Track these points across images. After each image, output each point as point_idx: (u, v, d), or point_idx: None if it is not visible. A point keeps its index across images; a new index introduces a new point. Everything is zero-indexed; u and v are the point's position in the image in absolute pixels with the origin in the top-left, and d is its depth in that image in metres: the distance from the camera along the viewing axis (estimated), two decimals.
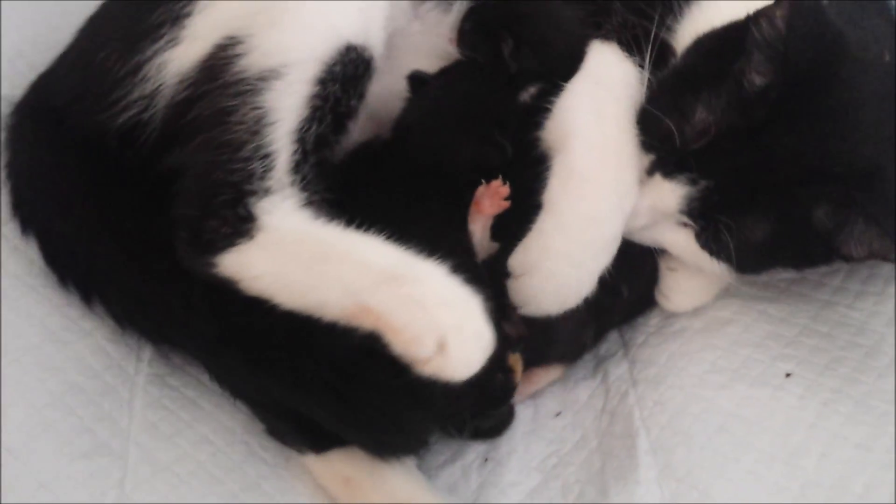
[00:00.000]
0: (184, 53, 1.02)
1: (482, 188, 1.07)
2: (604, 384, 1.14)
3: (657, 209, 1.03)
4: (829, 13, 0.94)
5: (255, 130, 0.96)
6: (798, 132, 0.94)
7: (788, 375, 1.03)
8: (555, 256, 1.03)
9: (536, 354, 1.11)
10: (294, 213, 0.97)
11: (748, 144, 0.96)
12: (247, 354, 0.98)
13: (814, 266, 1.10)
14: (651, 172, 1.03)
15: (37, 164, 1.09)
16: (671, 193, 1.00)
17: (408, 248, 0.93)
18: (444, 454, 1.09)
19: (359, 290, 0.89)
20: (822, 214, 0.95)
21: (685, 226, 1.03)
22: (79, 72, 1.10)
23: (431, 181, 1.10)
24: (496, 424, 1.10)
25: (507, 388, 1.04)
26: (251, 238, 0.94)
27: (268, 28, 1.00)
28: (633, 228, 1.06)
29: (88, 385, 1.03)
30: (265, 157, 0.96)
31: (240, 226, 0.94)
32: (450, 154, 1.11)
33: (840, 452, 0.95)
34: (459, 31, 1.19)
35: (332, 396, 0.95)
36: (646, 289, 1.17)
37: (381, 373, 0.92)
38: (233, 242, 0.93)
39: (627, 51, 1.09)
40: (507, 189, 1.07)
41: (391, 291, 0.89)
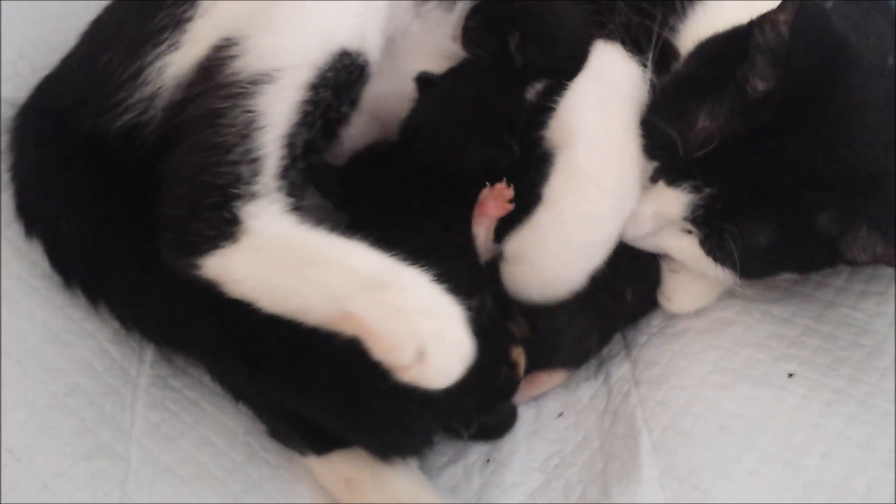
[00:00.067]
0: (183, 57, 1.02)
1: (486, 190, 1.07)
2: (606, 385, 1.14)
3: (661, 216, 1.03)
4: (833, 17, 0.94)
5: (245, 134, 0.96)
6: (801, 138, 0.94)
7: (791, 376, 1.03)
8: (548, 252, 1.04)
9: (541, 359, 1.11)
10: (280, 218, 0.96)
11: (751, 150, 0.95)
12: (249, 357, 0.97)
13: (818, 270, 1.10)
14: (654, 179, 1.03)
15: (41, 167, 1.09)
16: (675, 201, 1.00)
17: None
18: (446, 455, 1.09)
19: (341, 296, 0.89)
20: (826, 220, 0.95)
21: (689, 232, 1.03)
22: (82, 75, 1.10)
23: (437, 183, 1.10)
24: (500, 424, 1.10)
25: (512, 382, 1.05)
26: (235, 241, 0.93)
27: (263, 30, 1.00)
28: (638, 236, 1.06)
29: (90, 386, 1.03)
30: (253, 162, 0.96)
31: (224, 228, 0.94)
32: (457, 156, 1.11)
33: (842, 452, 0.94)
34: (464, 29, 1.19)
35: (336, 399, 0.95)
36: (648, 291, 1.16)
37: (385, 373, 0.91)
38: (217, 245, 0.93)
39: (631, 50, 1.08)
40: (511, 192, 1.07)
41: (373, 298, 0.88)
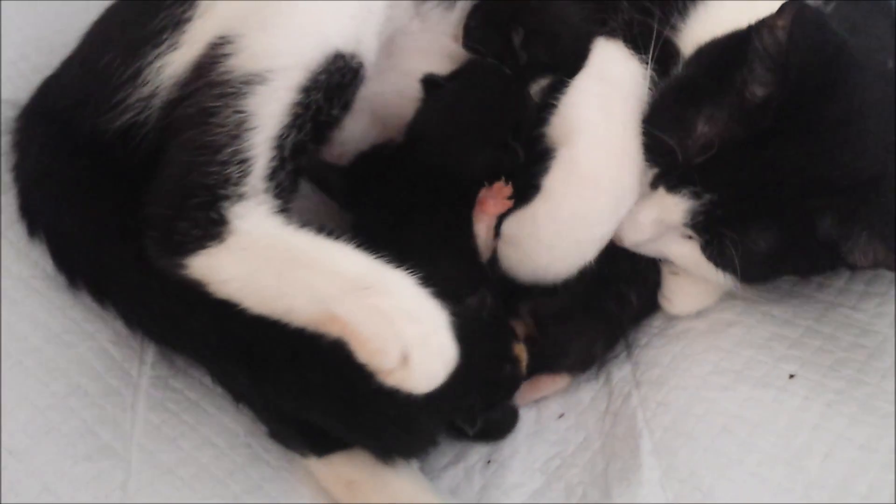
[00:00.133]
0: (182, 56, 1.03)
1: (485, 189, 1.08)
2: (607, 386, 1.14)
3: (662, 222, 1.03)
4: (832, 20, 0.94)
5: (235, 135, 0.96)
6: (801, 143, 0.94)
7: (792, 377, 1.02)
8: (540, 242, 1.05)
9: (546, 363, 1.11)
10: (267, 219, 0.96)
11: (751, 156, 0.95)
12: (249, 359, 0.97)
13: (819, 274, 1.11)
14: (655, 186, 1.03)
15: (44, 167, 1.09)
16: (675, 207, 1.00)
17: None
18: (447, 456, 1.09)
19: (326, 298, 0.89)
20: (827, 225, 0.95)
21: (690, 238, 1.03)
22: (83, 75, 1.10)
23: (441, 183, 1.10)
24: (501, 424, 1.10)
25: (515, 378, 1.06)
26: (221, 241, 0.93)
27: (258, 30, 1.00)
28: (639, 242, 1.06)
29: (91, 387, 1.03)
30: (242, 163, 0.96)
31: (211, 229, 0.94)
32: (463, 159, 1.11)
33: (844, 453, 0.94)
34: (465, 28, 1.19)
35: (338, 401, 0.94)
36: (650, 293, 1.16)
37: None
38: (203, 245, 0.93)
39: (632, 49, 1.08)
40: (510, 189, 1.07)
41: (358, 301, 0.88)
